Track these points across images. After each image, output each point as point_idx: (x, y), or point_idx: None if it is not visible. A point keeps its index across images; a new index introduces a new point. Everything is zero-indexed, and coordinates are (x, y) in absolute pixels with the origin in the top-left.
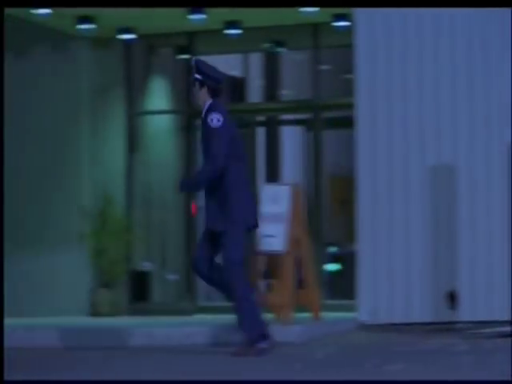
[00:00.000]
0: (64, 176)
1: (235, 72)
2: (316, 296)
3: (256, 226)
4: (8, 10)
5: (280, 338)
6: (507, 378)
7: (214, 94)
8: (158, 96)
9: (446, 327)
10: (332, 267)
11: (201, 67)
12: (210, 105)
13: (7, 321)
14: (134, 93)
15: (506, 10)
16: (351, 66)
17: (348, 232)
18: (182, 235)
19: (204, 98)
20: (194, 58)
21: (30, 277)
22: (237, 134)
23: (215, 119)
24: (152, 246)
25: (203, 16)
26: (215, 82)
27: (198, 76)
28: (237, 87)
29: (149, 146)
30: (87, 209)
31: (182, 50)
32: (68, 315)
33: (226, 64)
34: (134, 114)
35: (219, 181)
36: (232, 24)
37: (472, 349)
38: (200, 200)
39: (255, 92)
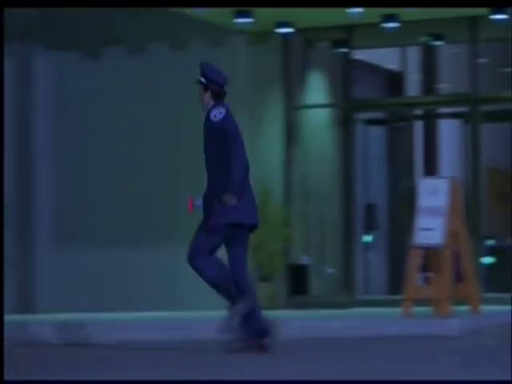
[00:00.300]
0: None
1: (392, 65)
2: (474, 289)
3: (255, 225)
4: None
5: (438, 331)
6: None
7: (217, 97)
8: (316, 90)
9: None
10: (488, 260)
11: (205, 71)
12: (213, 105)
13: (158, 314)
14: (291, 87)
15: None
16: (509, 60)
17: (505, 225)
18: (339, 229)
19: (208, 101)
20: (201, 63)
21: (185, 269)
22: (238, 131)
23: (217, 112)
24: (310, 239)
25: (361, 9)
26: (218, 86)
27: (202, 80)
28: (394, 81)
29: (306, 139)
30: None
31: (340, 44)
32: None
33: (383, 57)
34: (292, 108)
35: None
36: (389, 17)
37: None
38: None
39: (413, 85)
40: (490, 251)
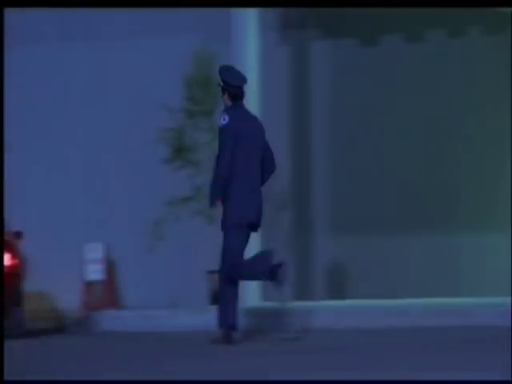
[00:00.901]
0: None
1: None
2: None
3: (256, 224)
4: None
5: None
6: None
7: (234, 98)
8: None
9: None
10: None
11: (222, 75)
12: (226, 108)
13: (439, 300)
14: None
15: None
16: None
17: None
18: None
19: (227, 102)
20: (219, 66)
21: (467, 255)
22: (246, 134)
23: (221, 118)
24: None
25: None
26: (234, 89)
27: (220, 83)
28: None
29: None
30: None
31: None
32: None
33: None
34: None
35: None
36: None
37: None
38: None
39: None
40: None
